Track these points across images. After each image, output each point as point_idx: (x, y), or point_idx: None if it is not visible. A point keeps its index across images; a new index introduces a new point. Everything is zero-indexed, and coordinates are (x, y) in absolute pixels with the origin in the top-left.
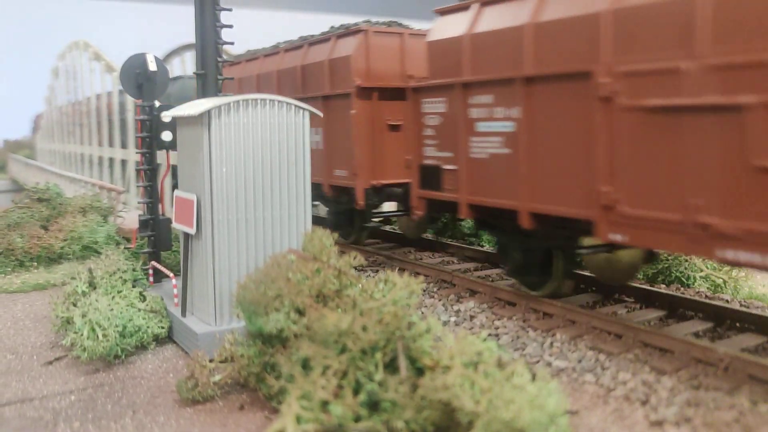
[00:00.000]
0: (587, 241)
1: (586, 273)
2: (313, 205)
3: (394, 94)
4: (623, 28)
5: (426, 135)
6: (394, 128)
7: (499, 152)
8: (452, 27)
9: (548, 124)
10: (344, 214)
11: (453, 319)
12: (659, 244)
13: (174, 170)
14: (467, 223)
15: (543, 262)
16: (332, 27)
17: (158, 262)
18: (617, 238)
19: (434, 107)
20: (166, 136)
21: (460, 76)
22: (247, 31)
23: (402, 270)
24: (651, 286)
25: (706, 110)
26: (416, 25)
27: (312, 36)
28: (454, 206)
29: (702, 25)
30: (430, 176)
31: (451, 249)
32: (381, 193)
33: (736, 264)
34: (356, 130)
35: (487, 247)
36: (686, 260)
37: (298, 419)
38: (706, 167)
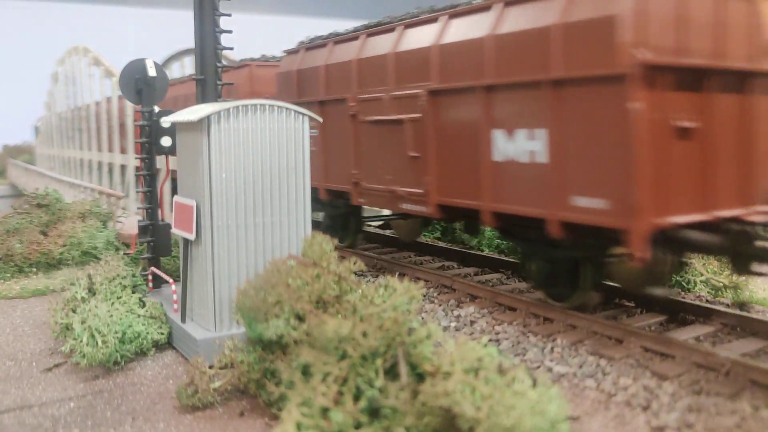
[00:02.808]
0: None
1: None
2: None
3: (690, 79)
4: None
5: None
6: (685, 135)
7: None
8: None
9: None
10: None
11: (453, 324)
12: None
13: (173, 175)
14: (459, 225)
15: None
16: None
17: (158, 267)
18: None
19: None
20: (166, 141)
21: None
22: (246, 36)
23: (402, 275)
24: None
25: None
26: None
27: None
28: None
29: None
30: None
31: (451, 254)
32: (673, 242)
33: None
34: (638, 134)
35: (487, 252)
36: (687, 265)
37: (299, 426)
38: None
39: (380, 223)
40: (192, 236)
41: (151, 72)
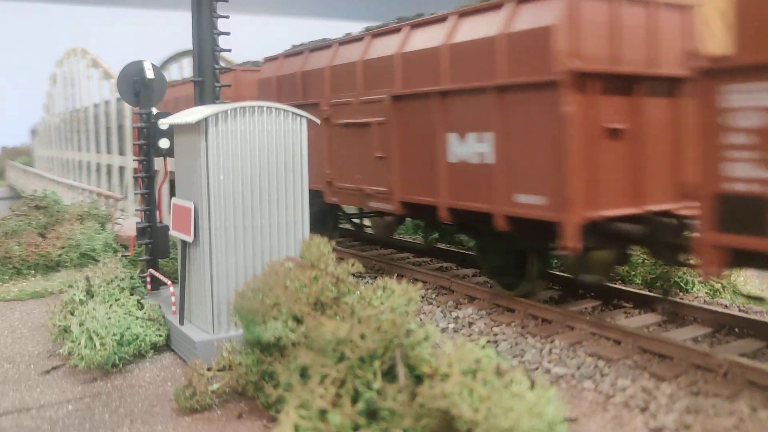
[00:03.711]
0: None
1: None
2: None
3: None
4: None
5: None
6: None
7: None
8: None
9: None
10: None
11: (452, 325)
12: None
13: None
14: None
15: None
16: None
17: (156, 269)
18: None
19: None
20: (164, 143)
21: None
22: (245, 38)
23: (400, 276)
24: (650, 291)
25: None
26: None
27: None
28: None
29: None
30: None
31: (449, 255)
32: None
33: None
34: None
35: None
36: (685, 266)
37: (297, 428)
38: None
39: (357, 221)
40: (190, 238)
41: (149, 74)
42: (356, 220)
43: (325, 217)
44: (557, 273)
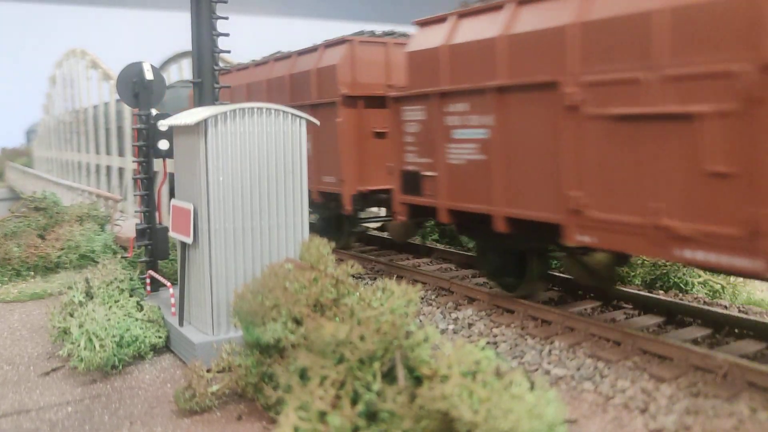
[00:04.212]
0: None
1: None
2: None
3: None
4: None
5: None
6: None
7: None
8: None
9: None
10: (333, 219)
11: (451, 327)
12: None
13: (171, 178)
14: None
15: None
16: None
17: (155, 271)
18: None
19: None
20: (163, 144)
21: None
22: (243, 39)
23: (400, 278)
24: (649, 292)
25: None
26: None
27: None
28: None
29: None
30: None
31: (449, 256)
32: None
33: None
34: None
35: None
36: (684, 266)
37: (296, 430)
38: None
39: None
40: (189, 240)
41: (148, 75)
42: (367, 225)
43: (339, 223)
44: (556, 274)
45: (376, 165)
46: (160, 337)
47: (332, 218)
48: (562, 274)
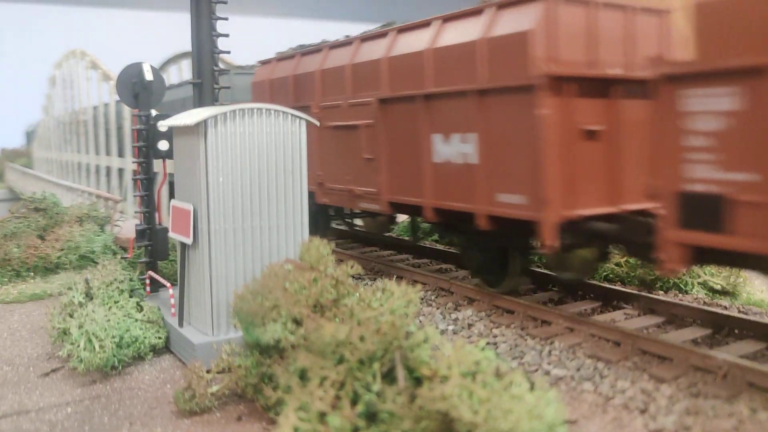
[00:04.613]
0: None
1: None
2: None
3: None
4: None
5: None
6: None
7: None
8: None
9: None
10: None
11: (451, 327)
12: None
13: (171, 179)
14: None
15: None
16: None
17: (155, 271)
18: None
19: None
20: (163, 145)
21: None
22: (244, 40)
23: (399, 278)
24: (649, 292)
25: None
26: None
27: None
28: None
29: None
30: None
31: (449, 256)
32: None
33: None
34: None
35: None
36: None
37: (296, 430)
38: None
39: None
40: (189, 240)
41: (148, 76)
42: (348, 220)
43: (315, 218)
44: (556, 275)
45: (589, 179)
46: (159, 338)
47: (495, 252)
48: (540, 270)
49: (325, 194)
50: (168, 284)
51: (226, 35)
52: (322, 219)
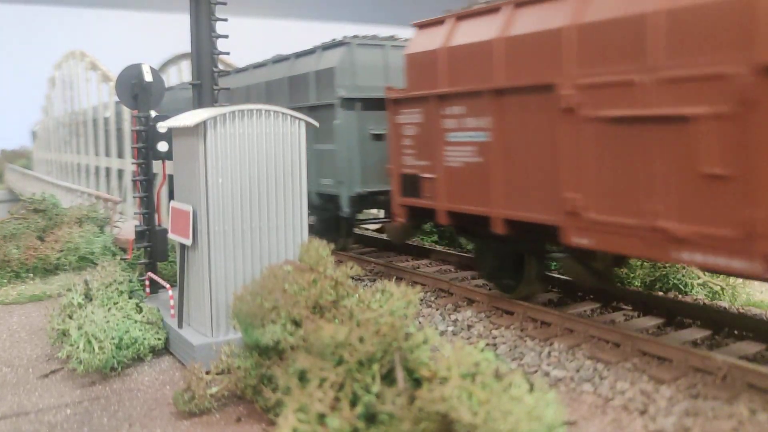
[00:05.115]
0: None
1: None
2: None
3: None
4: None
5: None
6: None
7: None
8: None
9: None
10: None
11: (450, 328)
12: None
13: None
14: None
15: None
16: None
17: (155, 273)
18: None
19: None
20: (162, 146)
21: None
22: (243, 41)
23: (399, 279)
24: (649, 293)
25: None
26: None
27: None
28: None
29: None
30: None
31: (448, 256)
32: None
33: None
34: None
35: None
36: (683, 267)
37: None
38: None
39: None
40: (189, 241)
41: (148, 77)
42: (366, 226)
43: (338, 224)
44: (556, 276)
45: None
46: (159, 339)
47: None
48: (560, 276)
49: (586, 230)
50: (167, 285)
51: (226, 36)
52: (344, 226)
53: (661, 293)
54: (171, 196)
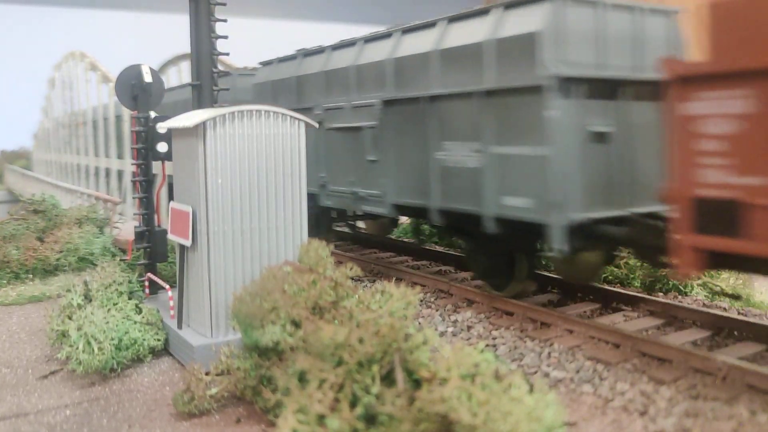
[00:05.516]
0: None
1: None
2: None
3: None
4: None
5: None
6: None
7: None
8: None
9: None
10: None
11: (450, 329)
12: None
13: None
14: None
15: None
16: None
17: (154, 273)
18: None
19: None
20: (162, 147)
21: None
22: (243, 42)
23: (399, 280)
24: (648, 294)
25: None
26: None
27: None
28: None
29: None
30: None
31: (448, 258)
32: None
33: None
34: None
35: None
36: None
37: None
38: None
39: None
40: (188, 242)
41: (147, 78)
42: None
43: (318, 220)
44: (555, 276)
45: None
46: (158, 340)
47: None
48: (551, 275)
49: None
50: (167, 286)
51: (225, 37)
52: (323, 220)
53: (661, 294)
54: (170, 197)
